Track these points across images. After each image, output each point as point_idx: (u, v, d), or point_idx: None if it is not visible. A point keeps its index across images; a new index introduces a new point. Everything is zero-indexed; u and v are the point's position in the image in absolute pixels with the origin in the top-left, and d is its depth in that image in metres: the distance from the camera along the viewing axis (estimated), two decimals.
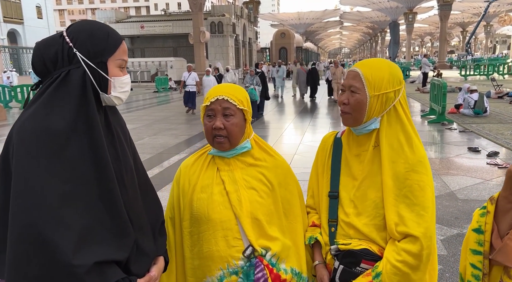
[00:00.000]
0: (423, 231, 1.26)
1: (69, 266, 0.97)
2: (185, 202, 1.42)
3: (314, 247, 1.46)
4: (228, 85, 1.42)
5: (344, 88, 1.38)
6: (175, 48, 35.61)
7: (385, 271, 1.26)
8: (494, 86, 15.88)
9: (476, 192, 4.86)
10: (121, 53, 1.18)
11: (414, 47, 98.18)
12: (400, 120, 1.33)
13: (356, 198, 1.37)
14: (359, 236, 1.34)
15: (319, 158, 1.53)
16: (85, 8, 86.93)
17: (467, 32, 68.31)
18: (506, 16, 42.68)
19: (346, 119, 1.37)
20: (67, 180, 1.03)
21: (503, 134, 8.11)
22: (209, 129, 1.36)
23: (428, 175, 1.32)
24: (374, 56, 75.28)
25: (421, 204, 1.28)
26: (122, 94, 1.19)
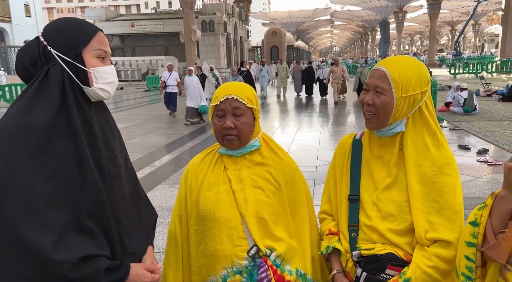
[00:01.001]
0: (456, 236, 1.18)
1: (51, 263, 0.97)
2: (192, 200, 1.41)
3: (332, 255, 1.39)
4: (236, 84, 1.41)
5: (368, 88, 1.29)
6: (166, 47, 35.40)
7: (414, 277, 1.17)
8: (483, 84, 16.08)
9: (466, 189, 4.91)
10: (97, 44, 1.16)
11: (404, 45, 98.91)
12: (426, 122, 1.27)
13: (379, 201, 1.29)
14: (383, 240, 1.26)
15: (337, 160, 1.46)
16: (74, 6, 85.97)
17: (456, 31, 69.00)
18: (494, 15, 43.21)
19: (370, 122, 1.29)
20: (49, 177, 1.02)
21: (492, 132, 8.22)
22: (219, 129, 1.36)
23: (457, 177, 1.26)
24: (365, 54, 75.69)
25: (451, 208, 1.21)
26: (107, 86, 1.17)
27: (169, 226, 1.49)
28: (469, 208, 4.59)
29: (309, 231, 1.45)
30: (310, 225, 1.46)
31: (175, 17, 33.59)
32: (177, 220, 1.46)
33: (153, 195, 5.00)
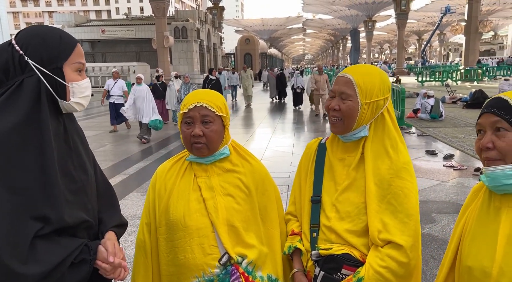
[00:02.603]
0: (407, 239, 1.23)
1: (20, 278, 0.94)
2: (161, 208, 1.39)
3: (294, 255, 1.42)
4: (206, 91, 1.41)
5: (334, 94, 1.34)
6: (138, 53, 34.95)
7: (367, 276, 1.22)
8: (448, 92, 16.72)
9: (434, 193, 5.08)
10: (76, 56, 1.13)
11: (374, 54, 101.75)
12: (387, 128, 1.32)
13: (338, 202, 1.33)
14: (341, 241, 1.31)
15: (303, 163, 1.50)
16: (41, 11, 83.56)
17: (422, 40, 71.69)
18: (457, 25, 45.21)
19: (336, 127, 1.34)
20: (11, 188, 0.99)
21: (458, 138, 8.55)
22: (187, 137, 1.35)
23: (412, 182, 1.30)
24: (336, 62, 77.26)
25: (405, 211, 1.25)
26: (82, 99, 1.15)
27: (138, 234, 1.46)
28: (436, 211, 4.76)
29: (280, 236, 1.46)
30: (281, 230, 1.48)
31: (147, 23, 33.24)
32: (146, 228, 1.43)
33: (125, 203, 4.89)
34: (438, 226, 4.06)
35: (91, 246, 1.12)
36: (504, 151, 0.99)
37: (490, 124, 1.02)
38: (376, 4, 46.82)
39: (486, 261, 1.02)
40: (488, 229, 1.04)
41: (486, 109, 1.04)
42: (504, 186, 0.99)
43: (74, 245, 1.08)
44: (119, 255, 1.17)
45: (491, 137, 1.02)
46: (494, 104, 1.03)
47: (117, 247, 1.19)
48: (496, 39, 74.16)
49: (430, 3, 57.67)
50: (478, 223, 1.08)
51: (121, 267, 1.16)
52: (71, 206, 1.11)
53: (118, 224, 1.31)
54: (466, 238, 1.10)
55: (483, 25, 29.85)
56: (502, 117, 1.00)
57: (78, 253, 1.08)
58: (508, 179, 0.98)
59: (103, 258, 1.13)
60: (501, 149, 1.00)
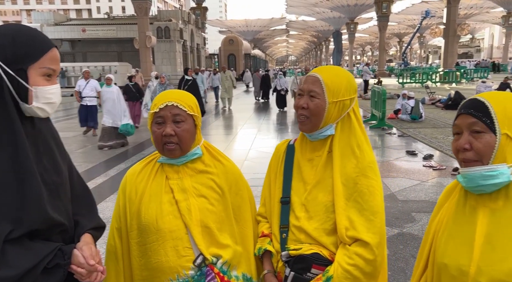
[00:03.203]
0: (372, 236, 1.26)
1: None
2: (132, 212, 1.37)
3: (264, 256, 1.43)
4: (177, 91, 1.40)
5: (302, 93, 1.37)
6: (120, 53, 34.43)
7: (336, 275, 1.24)
8: (428, 93, 17.06)
9: (414, 193, 5.17)
10: (47, 61, 1.09)
11: (356, 55, 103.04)
12: (352, 127, 1.36)
13: (307, 202, 1.35)
14: (310, 240, 1.33)
15: (272, 165, 1.52)
16: (19, 9, 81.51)
17: (403, 42, 72.94)
18: (436, 28, 46.14)
19: (304, 124, 1.36)
20: None
21: (437, 138, 8.73)
22: (158, 137, 1.33)
23: (377, 180, 1.33)
24: (320, 64, 77.87)
25: (370, 209, 1.29)
26: (47, 106, 1.10)
27: (108, 239, 1.43)
28: (416, 210, 4.84)
29: (253, 235, 1.48)
30: (254, 230, 1.49)
31: (129, 23, 32.78)
32: (116, 233, 1.40)
33: (105, 205, 4.82)
34: (418, 225, 4.13)
35: (65, 250, 1.10)
36: (481, 152, 1.01)
37: (467, 125, 1.03)
38: (358, 7, 47.41)
39: (463, 260, 1.03)
40: (465, 228, 1.06)
41: (463, 111, 1.05)
42: (481, 186, 1.01)
43: (47, 250, 1.06)
44: (96, 259, 1.15)
45: (468, 138, 1.03)
46: (471, 106, 1.04)
47: (94, 250, 1.17)
48: (473, 42, 76.11)
49: (410, 6, 58.76)
50: (454, 221, 1.10)
51: (96, 271, 1.14)
52: (44, 208, 1.08)
53: (95, 226, 1.28)
54: (441, 236, 1.12)
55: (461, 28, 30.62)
56: (479, 119, 1.01)
57: (51, 258, 1.05)
58: (485, 180, 0.99)
59: (78, 262, 1.11)
60: (478, 150, 1.01)
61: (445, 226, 1.12)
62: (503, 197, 1.01)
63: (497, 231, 1.00)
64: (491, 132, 1.00)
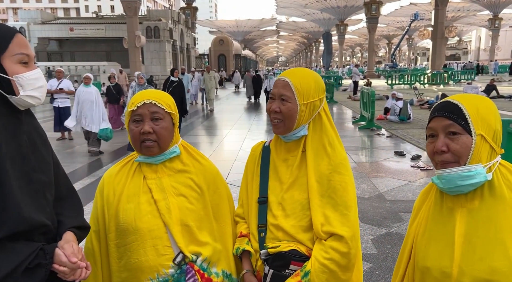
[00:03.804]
0: (347, 230, 1.31)
1: None
2: (110, 214, 1.36)
3: (243, 256, 1.45)
4: (154, 90, 1.42)
5: (274, 97, 1.41)
6: (109, 52, 34.09)
7: (313, 269, 1.28)
8: (416, 94, 17.25)
9: (402, 193, 5.22)
10: (17, 47, 1.06)
11: (346, 57, 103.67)
12: (324, 126, 1.40)
13: (283, 201, 1.39)
14: (288, 238, 1.36)
15: (249, 166, 1.55)
16: (5, 7, 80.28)
17: (392, 44, 73.70)
18: (425, 30, 46.75)
19: (278, 127, 1.40)
20: None
21: (425, 139, 8.80)
22: (136, 135, 1.33)
23: (349, 176, 1.38)
24: (309, 64, 78.30)
25: (344, 204, 1.33)
26: (35, 92, 1.09)
27: (85, 242, 1.42)
28: (404, 210, 4.88)
29: (232, 232, 1.50)
30: (233, 227, 1.51)
31: (118, 22, 32.48)
32: (94, 236, 1.39)
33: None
34: (406, 225, 4.16)
35: (47, 250, 1.08)
36: (459, 153, 1.02)
37: (443, 128, 1.05)
38: (347, 8, 47.77)
39: (444, 261, 1.04)
40: (444, 230, 1.07)
41: (438, 113, 1.07)
42: (458, 187, 1.03)
43: (28, 250, 1.04)
44: (78, 256, 1.14)
45: (445, 140, 1.04)
46: (445, 108, 1.05)
47: (76, 247, 1.15)
48: (460, 44, 77.28)
49: (399, 8, 59.44)
50: (432, 224, 1.11)
51: (80, 268, 1.13)
52: (27, 208, 1.07)
53: (79, 226, 1.26)
54: (421, 239, 1.13)
55: (449, 30, 31.04)
56: (454, 121, 1.03)
57: (33, 258, 1.04)
58: (463, 180, 1.01)
59: (60, 261, 1.09)
60: (456, 151, 1.03)
61: (424, 229, 1.13)
62: (479, 197, 1.03)
63: (475, 230, 1.02)
64: (467, 133, 1.02)
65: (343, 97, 19.43)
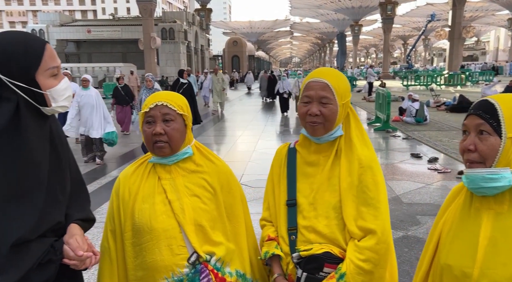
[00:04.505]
0: (379, 223, 1.30)
1: None
2: (126, 213, 1.38)
3: (272, 260, 1.44)
4: (167, 92, 1.44)
5: (310, 100, 1.37)
6: (124, 54, 34.56)
7: (349, 271, 1.26)
8: (432, 96, 16.99)
9: (418, 196, 5.14)
10: (48, 62, 1.09)
11: (360, 58, 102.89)
12: (353, 124, 1.41)
13: (315, 201, 1.38)
14: (320, 240, 1.35)
15: (274, 169, 1.53)
16: (25, 10, 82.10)
17: (407, 44, 72.81)
18: (442, 31, 46.07)
19: (317, 130, 1.37)
20: None
21: (442, 141, 8.68)
22: (148, 136, 1.35)
23: (380, 171, 1.39)
24: (323, 65, 77.90)
25: (376, 198, 1.33)
26: (64, 101, 1.14)
27: (102, 241, 1.44)
28: (421, 213, 4.80)
29: (245, 232, 1.50)
30: (246, 227, 1.51)
31: (134, 24, 32.89)
32: (110, 235, 1.42)
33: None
34: (423, 228, 4.10)
35: (57, 246, 1.12)
36: (485, 154, 1.00)
37: (474, 126, 1.03)
38: (362, 9, 47.39)
39: (466, 261, 1.03)
40: (469, 230, 1.05)
41: (473, 111, 1.05)
42: (482, 188, 1.01)
43: (42, 249, 1.08)
44: (84, 248, 1.17)
45: (474, 139, 1.03)
46: (481, 107, 1.04)
47: (80, 240, 1.17)
48: (478, 45, 75.88)
49: (415, 8, 58.67)
50: (459, 222, 1.09)
51: (88, 258, 1.17)
52: (49, 209, 1.10)
53: (84, 218, 1.29)
54: (446, 237, 1.12)
55: (466, 31, 30.48)
56: (486, 120, 1.01)
57: (44, 255, 1.08)
58: (486, 182, 0.99)
59: (68, 256, 1.13)
60: (482, 152, 1.01)
61: (450, 226, 1.12)
62: (508, 201, 1.01)
63: (502, 234, 1.00)
64: (496, 135, 1.00)
65: (357, 99, 19.27)
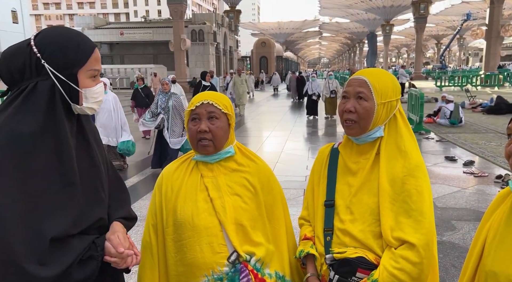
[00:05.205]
0: (420, 238, 1.23)
1: (34, 279, 0.96)
2: (168, 209, 1.41)
3: (307, 260, 1.43)
4: (212, 92, 1.46)
5: (348, 95, 1.35)
6: (155, 56, 35.34)
7: (381, 278, 1.23)
8: (468, 97, 16.40)
9: (453, 200, 4.97)
10: (93, 63, 1.14)
11: (391, 58, 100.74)
12: (399, 128, 1.35)
13: (352, 204, 1.34)
14: (355, 244, 1.32)
15: (316, 168, 1.52)
16: (62, 13, 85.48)
17: (441, 44, 70.62)
18: (478, 29, 44.34)
19: (351, 129, 1.35)
20: (30, 192, 1.01)
21: (478, 144, 8.36)
22: (193, 133, 1.38)
23: (426, 180, 1.31)
24: (353, 66, 76.75)
25: (419, 209, 1.26)
26: (94, 104, 1.17)
27: (143, 236, 1.47)
28: (456, 218, 4.64)
29: (285, 234, 1.49)
30: (286, 229, 1.50)
31: (165, 26, 33.62)
32: (152, 230, 1.44)
33: (143, 204, 4.94)
34: (459, 234, 3.96)
35: (98, 243, 1.15)
36: None
37: None
38: (394, 8, 46.31)
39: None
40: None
41: None
42: None
43: (83, 245, 1.10)
44: (125, 245, 1.19)
45: None
46: None
47: (121, 237, 1.20)
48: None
49: (449, 7, 56.83)
50: (505, 229, 1.05)
51: (129, 256, 1.18)
52: (89, 206, 1.14)
53: (126, 216, 1.32)
54: (491, 243, 1.08)
55: (505, 29, 29.13)
56: None
57: (86, 251, 1.11)
58: None
59: (109, 253, 1.16)
60: None
61: (495, 233, 1.08)
62: None
63: None
64: None
65: None
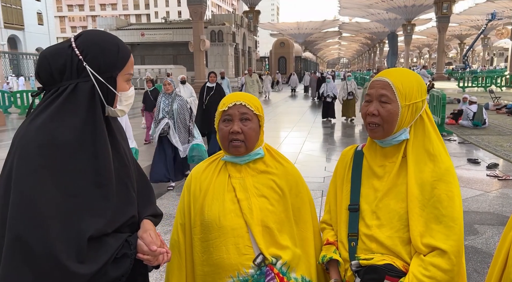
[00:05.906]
0: (452, 244, 1.19)
1: (73, 276, 0.99)
2: (196, 208, 1.41)
3: (330, 265, 1.40)
4: (244, 93, 1.45)
5: (370, 98, 1.32)
6: (175, 56, 35.78)
7: None
8: (492, 98, 15.97)
9: (476, 203, 4.85)
10: (129, 67, 1.19)
11: (412, 58, 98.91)
12: (427, 130, 1.30)
13: (378, 209, 1.30)
14: (382, 250, 1.27)
15: (338, 171, 1.48)
16: (85, 15, 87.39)
17: (464, 44, 68.99)
18: (503, 29, 43.15)
19: (375, 132, 1.31)
20: (70, 192, 1.03)
21: (502, 146, 8.13)
22: (225, 134, 1.37)
23: (456, 185, 1.27)
24: (373, 66, 75.80)
25: (450, 215, 1.22)
26: (126, 107, 1.21)
27: (172, 234, 1.50)
28: (479, 223, 4.52)
29: (313, 238, 1.46)
30: (314, 233, 1.47)
31: (185, 27, 33.99)
32: (180, 229, 1.45)
33: (161, 202, 5.01)
34: (482, 238, 3.86)
35: (131, 241, 1.17)
36: None
37: None
38: (415, 8, 45.51)
39: None
40: None
41: None
42: None
43: (118, 243, 1.13)
44: (157, 243, 1.21)
45: None
46: None
47: (153, 235, 1.22)
48: None
49: (473, 6, 55.44)
50: None
51: (161, 254, 1.20)
52: (122, 204, 1.16)
53: (153, 214, 1.34)
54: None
55: None
56: None
57: (120, 249, 1.13)
58: None
59: (142, 251, 1.18)
60: None
61: None
62: None
63: None
64: None
65: None
